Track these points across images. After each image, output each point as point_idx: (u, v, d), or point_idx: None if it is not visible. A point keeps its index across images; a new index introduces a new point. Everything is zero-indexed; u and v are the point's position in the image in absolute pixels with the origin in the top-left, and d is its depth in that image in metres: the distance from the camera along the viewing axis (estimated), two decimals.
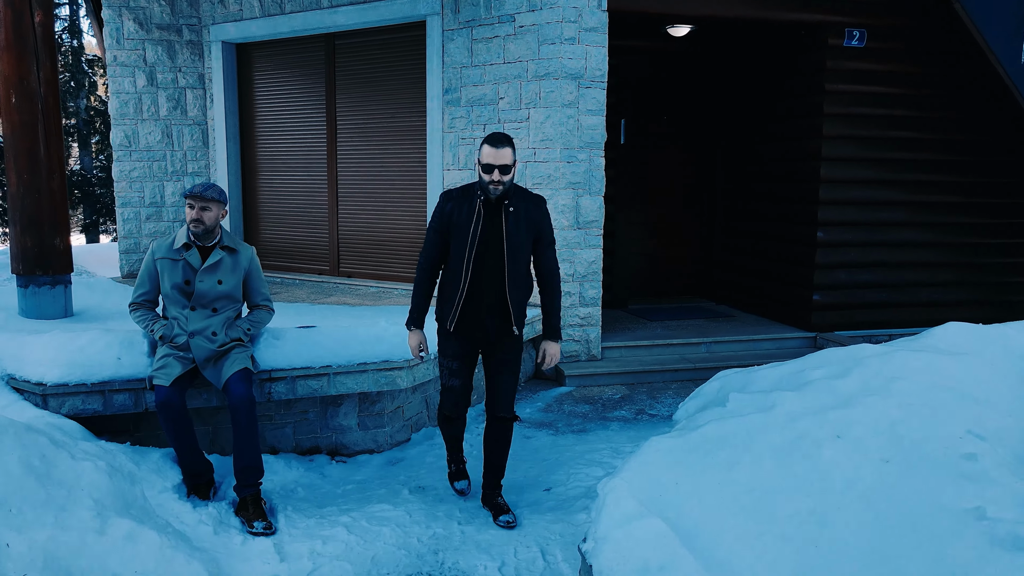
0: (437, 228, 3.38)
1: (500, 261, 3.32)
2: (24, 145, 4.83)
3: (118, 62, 7.21)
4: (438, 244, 3.41)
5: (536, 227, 3.38)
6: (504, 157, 3.17)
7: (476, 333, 3.47)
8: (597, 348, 6.09)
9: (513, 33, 5.81)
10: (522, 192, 3.39)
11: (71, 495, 3.04)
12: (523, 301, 3.50)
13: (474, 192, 3.32)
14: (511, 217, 3.29)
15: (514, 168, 3.25)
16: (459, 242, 3.32)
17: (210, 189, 3.75)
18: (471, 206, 3.30)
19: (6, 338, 4.06)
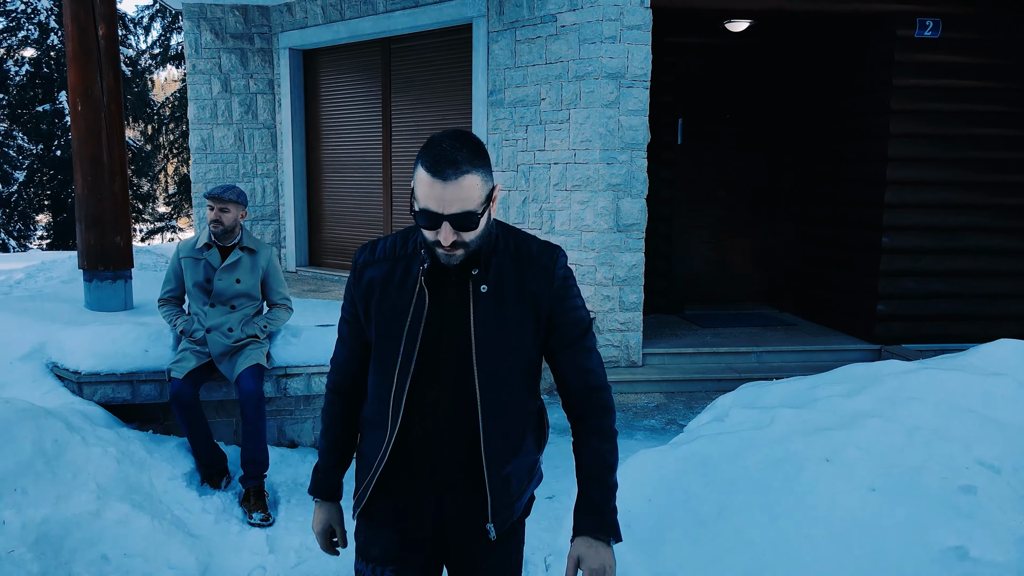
0: (349, 319, 1.75)
1: (467, 384, 1.62)
2: (88, 150, 5.22)
3: (196, 70, 7.67)
4: (354, 348, 1.78)
5: (539, 308, 1.65)
6: (460, 197, 1.46)
7: (418, 528, 1.73)
8: (637, 354, 5.95)
9: (555, 33, 5.76)
10: (512, 242, 1.68)
11: (76, 478, 3.27)
12: (520, 464, 1.72)
13: (416, 251, 1.67)
14: (485, 300, 1.61)
15: (488, 210, 1.53)
16: (385, 346, 1.66)
17: (229, 191, 3.92)
18: (406, 276, 1.65)
19: (57, 329, 4.41)
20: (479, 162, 1.47)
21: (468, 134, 1.49)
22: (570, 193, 5.82)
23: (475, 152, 1.47)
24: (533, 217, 6.06)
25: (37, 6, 25.57)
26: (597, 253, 5.75)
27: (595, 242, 5.74)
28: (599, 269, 5.77)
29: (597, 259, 5.75)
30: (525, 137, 6.01)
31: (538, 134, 5.93)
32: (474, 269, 1.61)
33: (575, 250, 5.85)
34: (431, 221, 1.48)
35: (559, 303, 1.66)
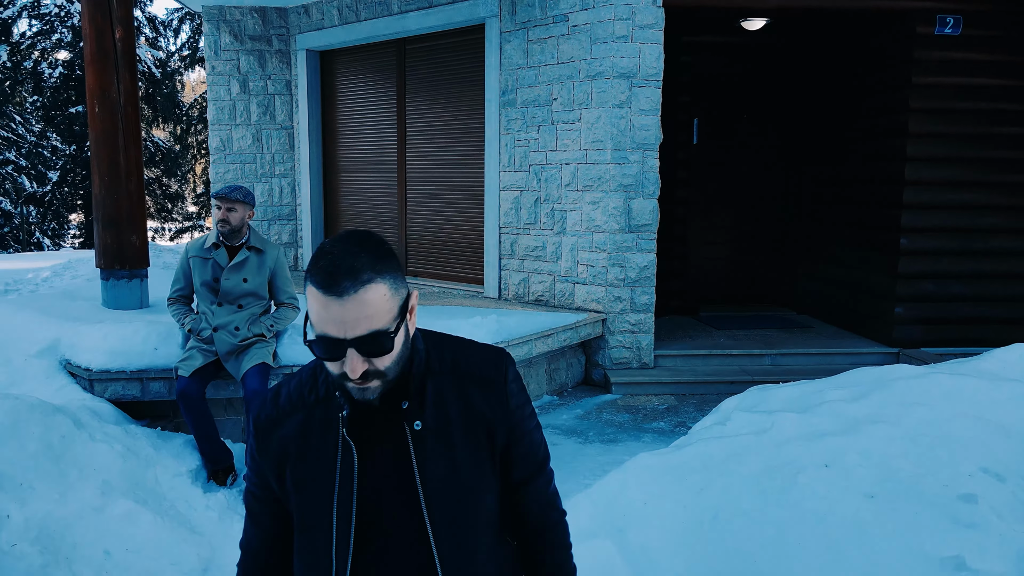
0: (258, 492, 1.38)
1: (422, 554, 1.29)
2: (105, 152, 5.30)
3: (216, 72, 7.76)
4: (270, 528, 1.39)
5: (494, 437, 1.33)
6: (364, 315, 1.13)
7: None
8: (649, 356, 5.90)
9: (567, 33, 5.74)
10: (448, 355, 1.34)
11: (82, 474, 3.33)
12: None
13: (331, 393, 1.30)
14: (427, 440, 1.28)
15: (405, 323, 1.20)
16: (312, 524, 1.31)
17: (236, 191, 3.96)
18: (325, 430, 1.30)
19: (71, 326, 4.49)
20: (384, 267, 1.14)
21: (367, 235, 1.18)
22: (582, 193, 5.80)
23: (377, 255, 1.14)
24: (545, 218, 6.04)
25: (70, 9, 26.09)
26: (608, 254, 5.72)
27: (606, 243, 5.71)
28: (610, 270, 5.74)
29: (608, 260, 5.72)
30: (537, 137, 5.99)
31: (550, 134, 5.92)
32: (404, 402, 1.25)
33: (587, 250, 5.82)
34: (332, 350, 1.13)
35: (517, 426, 1.33)
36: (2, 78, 25.99)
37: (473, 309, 5.63)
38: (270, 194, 7.94)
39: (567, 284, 5.99)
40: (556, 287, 6.07)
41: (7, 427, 3.25)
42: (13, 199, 27.60)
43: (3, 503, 2.97)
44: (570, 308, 5.97)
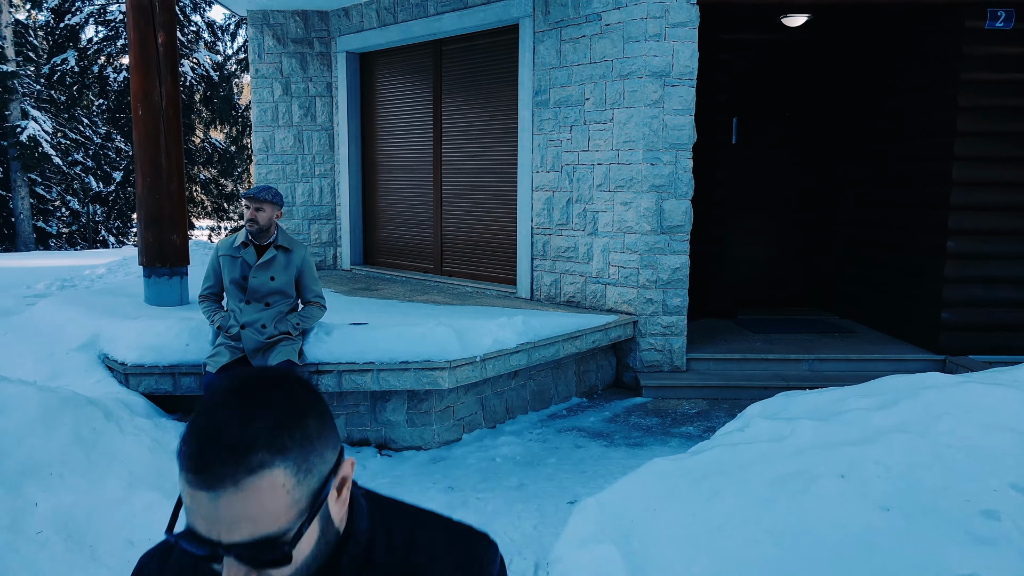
0: None
1: None
2: (148, 153, 5.48)
3: (259, 74, 7.94)
4: None
5: None
6: (248, 515, 0.76)
7: None
8: (681, 359, 5.81)
9: (599, 32, 5.69)
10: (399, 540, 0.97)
11: (110, 465, 3.44)
12: None
13: None
14: None
15: (325, 512, 0.85)
16: None
17: (264, 191, 4.05)
18: None
19: (111, 322, 4.65)
20: (290, 441, 0.79)
21: (280, 380, 0.83)
22: (613, 194, 5.74)
23: (283, 421, 0.79)
24: (576, 218, 6.01)
25: None
26: (640, 255, 5.65)
27: (638, 244, 5.64)
28: (642, 272, 5.67)
29: (640, 261, 5.66)
30: (569, 137, 5.96)
31: (582, 134, 5.88)
32: None
33: (618, 252, 5.77)
34: (204, 551, 0.78)
35: None
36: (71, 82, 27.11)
37: (500, 309, 5.63)
38: (310, 194, 8.08)
39: (599, 286, 5.95)
40: (588, 288, 6.02)
41: (40, 418, 3.38)
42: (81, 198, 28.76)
43: (32, 492, 3.09)
44: (602, 310, 5.92)
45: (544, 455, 4.59)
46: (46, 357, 4.53)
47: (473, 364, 4.53)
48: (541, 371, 5.33)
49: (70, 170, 27.21)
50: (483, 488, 4.11)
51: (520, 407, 5.21)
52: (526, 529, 3.66)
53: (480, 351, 4.56)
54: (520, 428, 5.03)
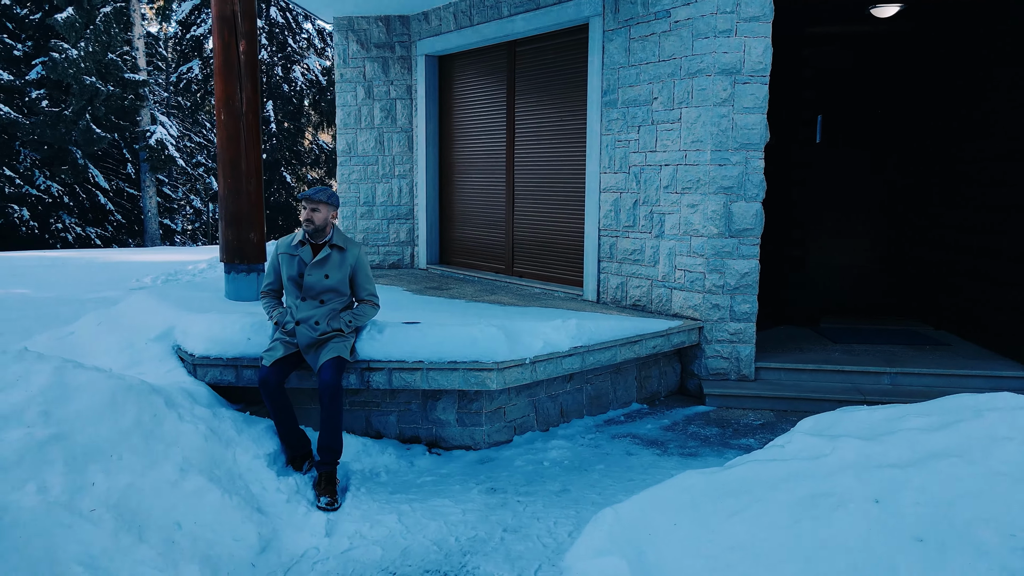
0: None
1: None
2: (229, 155, 5.78)
3: (344, 79, 8.23)
4: None
5: None
6: None
7: None
8: (749, 368, 5.58)
9: (668, 29, 5.54)
10: None
11: (167, 450, 3.65)
12: None
13: None
14: None
15: None
16: None
17: (320, 192, 4.18)
18: None
19: (186, 315, 4.94)
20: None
21: None
22: (680, 196, 5.58)
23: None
24: (643, 220, 5.88)
25: None
26: (706, 259, 5.46)
27: (704, 247, 5.46)
28: (708, 276, 5.48)
29: (706, 265, 5.47)
30: (637, 138, 5.84)
31: (649, 135, 5.75)
32: None
33: (684, 255, 5.60)
34: None
35: None
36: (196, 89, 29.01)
37: (557, 311, 5.58)
38: (390, 194, 8.30)
39: (664, 289, 5.80)
40: (653, 292, 5.88)
41: (106, 404, 3.63)
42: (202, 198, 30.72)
43: (92, 472, 3.32)
44: (667, 315, 5.77)
45: (593, 461, 4.52)
46: (128, 346, 4.87)
47: (522, 366, 4.51)
48: (599, 375, 5.25)
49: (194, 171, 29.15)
50: (525, 491, 4.10)
51: (575, 411, 5.15)
52: (560, 536, 3.62)
53: (530, 353, 4.54)
54: (573, 432, 4.97)
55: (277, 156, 28.30)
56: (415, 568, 3.35)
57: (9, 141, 24.90)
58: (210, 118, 30.27)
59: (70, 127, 24.25)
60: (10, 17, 25.59)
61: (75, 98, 24.09)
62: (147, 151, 25.86)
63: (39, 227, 25.67)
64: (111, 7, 24.65)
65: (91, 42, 23.95)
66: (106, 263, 11.73)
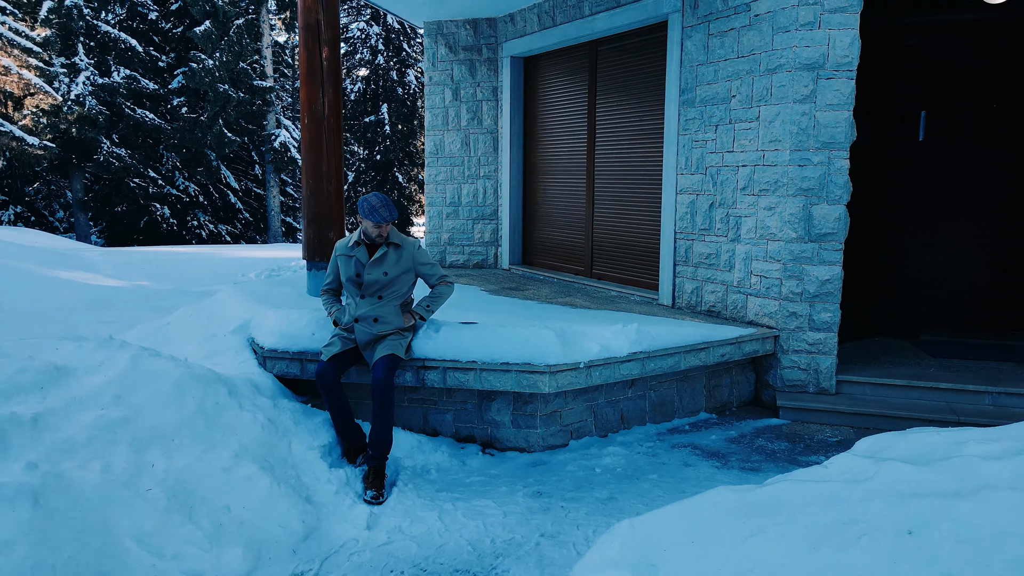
0: None
1: None
2: (311, 157, 6.04)
3: (432, 82, 8.41)
4: None
5: None
6: None
7: None
8: (829, 380, 5.26)
9: (748, 24, 5.31)
10: None
11: (224, 437, 3.86)
12: None
13: None
14: None
15: None
16: None
17: (390, 214, 4.22)
18: None
19: (262, 310, 5.20)
20: None
21: None
22: (756, 198, 5.33)
23: None
24: (719, 223, 5.66)
25: (369, 32, 29.82)
26: (783, 265, 5.19)
27: (781, 252, 5.19)
28: (785, 282, 5.21)
29: (783, 271, 5.20)
30: (714, 138, 5.63)
31: (727, 134, 5.52)
32: None
33: (760, 260, 5.35)
34: None
35: None
36: None
37: (623, 315, 5.47)
38: (475, 195, 8.40)
39: (739, 295, 5.56)
40: (728, 298, 5.65)
41: (173, 391, 3.89)
42: None
43: (153, 454, 3.57)
44: (742, 322, 5.53)
45: (647, 470, 4.40)
46: (209, 337, 5.19)
47: (576, 370, 4.46)
48: (663, 382, 5.10)
49: None
50: (571, 497, 4.05)
51: (637, 418, 5.03)
52: None
53: (585, 357, 4.48)
54: (632, 440, 4.86)
55: (390, 157, 29.31)
56: (446, 567, 3.38)
57: (154, 145, 27.14)
58: None
59: (205, 132, 26.13)
60: (156, 31, 27.87)
61: (210, 104, 25.93)
62: (272, 153, 27.41)
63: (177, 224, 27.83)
64: (243, 19, 26.35)
65: (225, 52, 25.70)
66: (224, 258, 12.55)
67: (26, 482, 3.03)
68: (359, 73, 31.16)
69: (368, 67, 30.40)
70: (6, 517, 2.89)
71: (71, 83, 25.14)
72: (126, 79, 25.95)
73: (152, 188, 26.74)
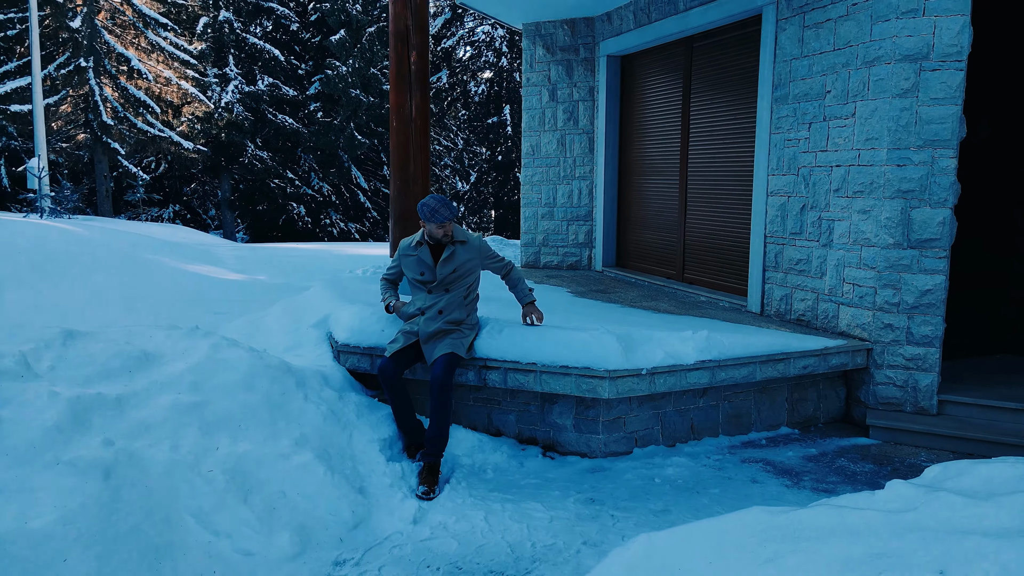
0: None
1: None
2: (399, 159, 6.23)
3: (530, 83, 8.44)
4: None
5: None
6: None
7: None
8: (929, 400, 4.82)
9: (844, 14, 4.96)
10: None
11: (287, 426, 4.06)
12: None
13: None
14: None
15: None
16: None
17: (451, 214, 4.31)
18: None
19: (341, 306, 5.41)
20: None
21: None
22: (851, 200, 4.97)
23: None
24: (810, 227, 5.32)
25: (494, 35, 30.34)
26: (877, 272, 4.81)
27: (875, 259, 4.81)
28: (879, 292, 4.82)
29: (877, 279, 4.82)
30: (807, 136, 5.30)
31: (821, 132, 5.18)
32: None
33: (853, 267, 4.98)
34: None
35: None
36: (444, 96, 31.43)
37: (698, 320, 5.25)
38: (570, 196, 8.35)
39: (831, 304, 5.20)
40: (819, 307, 5.31)
41: (244, 379, 4.13)
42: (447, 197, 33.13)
43: (219, 438, 3.81)
44: (832, 332, 5.18)
45: (710, 484, 4.21)
46: (293, 330, 5.47)
47: (638, 377, 4.33)
48: (738, 393, 4.86)
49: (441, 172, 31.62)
50: (624, 506, 3.94)
51: (709, 429, 4.83)
52: None
53: (648, 364, 4.35)
54: (700, 451, 4.66)
55: (512, 157, 29.67)
56: (481, 567, 3.39)
57: (292, 148, 28.94)
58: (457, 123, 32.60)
59: (339, 134, 27.57)
60: (297, 41, 29.71)
61: (343, 109, 27.33)
62: None
63: (311, 222, 29.54)
64: (375, 27, 27.57)
65: (357, 59, 26.99)
66: (339, 255, 13.17)
67: (100, 457, 3.31)
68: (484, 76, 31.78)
69: (492, 69, 30.96)
70: (78, 488, 3.17)
71: (222, 91, 27.26)
72: (269, 87, 27.81)
73: (289, 188, 28.51)
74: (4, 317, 6.53)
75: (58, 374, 3.91)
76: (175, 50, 25.70)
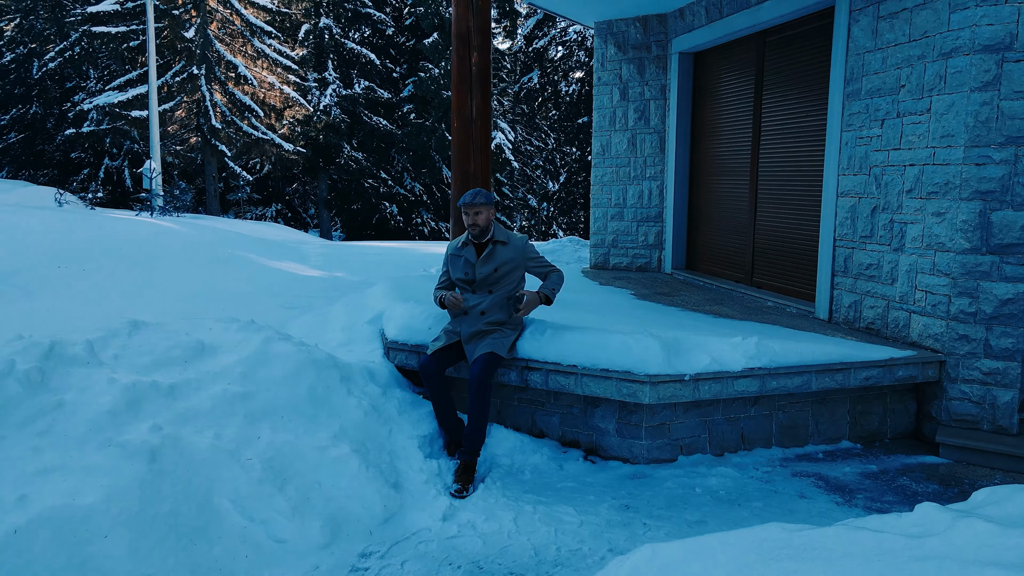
0: None
1: None
2: (460, 158, 6.29)
3: (601, 82, 8.34)
4: None
5: None
6: None
7: None
8: (1009, 418, 4.44)
9: (921, 3, 4.64)
10: None
11: (328, 419, 4.17)
12: None
13: None
14: None
15: None
16: None
17: (477, 195, 4.37)
18: None
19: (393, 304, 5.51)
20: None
21: None
22: (924, 202, 4.65)
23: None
24: (881, 230, 5.01)
25: (586, 35, 30.18)
26: (952, 279, 4.48)
27: (950, 265, 4.48)
28: (954, 300, 4.48)
29: (951, 287, 4.48)
30: (880, 134, 4.99)
31: (893, 129, 4.87)
32: None
33: (926, 273, 4.66)
34: None
35: None
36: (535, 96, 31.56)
37: (750, 326, 5.04)
38: (640, 196, 8.20)
39: (901, 313, 4.88)
40: (890, 315, 4.99)
41: (290, 372, 4.28)
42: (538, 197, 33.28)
43: (261, 428, 3.96)
44: (903, 342, 4.86)
45: (754, 496, 4.04)
46: (350, 326, 5.62)
47: (681, 382, 4.20)
48: (794, 403, 4.64)
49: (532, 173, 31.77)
50: (659, 515, 3.84)
51: (761, 439, 4.63)
52: None
53: (691, 369, 4.21)
54: (748, 462, 4.47)
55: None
56: (502, 568, 3.37)
57: (386, 149, 29.77)
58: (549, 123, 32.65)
59: (430, 135, 28.14)
60: (392, 45, 30.53)
61: (435, 110, 27.87)
62: None
63: (403, 221, 30.30)
64: None
65: (449, 61, 27.43)
66: (418, 253, 13.43)
67: (147, 441, 3.51)
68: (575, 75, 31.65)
69: (583, 69, 30.80)
70: (124, 469, 3.36)
71: (320, 95, 28.35)
72: (365, 90, 28.71)
73: (383, 188, 29.34)
74: (77, 305, 7.01)
75: (120, 362, 4.17)
76: (278, 56, 26.93)
